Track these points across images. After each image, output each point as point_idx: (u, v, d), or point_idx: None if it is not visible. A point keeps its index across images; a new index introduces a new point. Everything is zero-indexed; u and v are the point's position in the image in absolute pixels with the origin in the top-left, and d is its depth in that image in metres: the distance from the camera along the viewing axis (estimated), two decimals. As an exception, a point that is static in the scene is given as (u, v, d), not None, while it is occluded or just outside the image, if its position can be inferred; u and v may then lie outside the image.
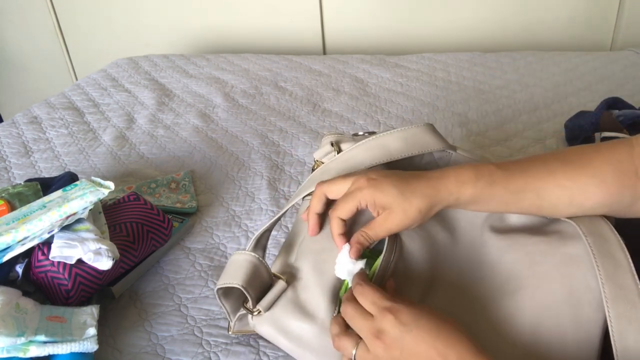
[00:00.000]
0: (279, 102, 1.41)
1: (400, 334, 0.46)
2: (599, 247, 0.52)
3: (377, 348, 0.47)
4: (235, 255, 0.58)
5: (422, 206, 0.54)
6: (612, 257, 0.51)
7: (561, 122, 1.18)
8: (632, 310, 0.48)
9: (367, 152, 0.65)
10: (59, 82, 2.35)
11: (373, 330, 0.48)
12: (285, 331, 0.56)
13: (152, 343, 0.70)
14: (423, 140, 0.65)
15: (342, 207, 0.56)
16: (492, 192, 0.55)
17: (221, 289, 0.59)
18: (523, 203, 0.55)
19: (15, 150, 1.22)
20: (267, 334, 0.57)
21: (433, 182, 0.55)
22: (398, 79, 1.52)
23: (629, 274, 0.50)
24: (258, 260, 0.57)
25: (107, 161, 1.17)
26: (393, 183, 0.54)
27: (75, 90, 1.55)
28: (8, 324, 0.59)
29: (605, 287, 0.49)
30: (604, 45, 1.90)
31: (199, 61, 1.76)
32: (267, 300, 0.57)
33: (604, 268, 0.50)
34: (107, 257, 0.69)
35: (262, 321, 0.57)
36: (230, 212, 0.96)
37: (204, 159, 1.15)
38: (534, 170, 0.55)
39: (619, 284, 0.49)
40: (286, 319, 0.56)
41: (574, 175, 0.54)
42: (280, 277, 0.59)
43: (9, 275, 0.72)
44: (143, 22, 2.18)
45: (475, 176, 0.54)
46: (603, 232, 0.53)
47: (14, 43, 2.34)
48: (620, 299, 0.48)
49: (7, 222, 0.74)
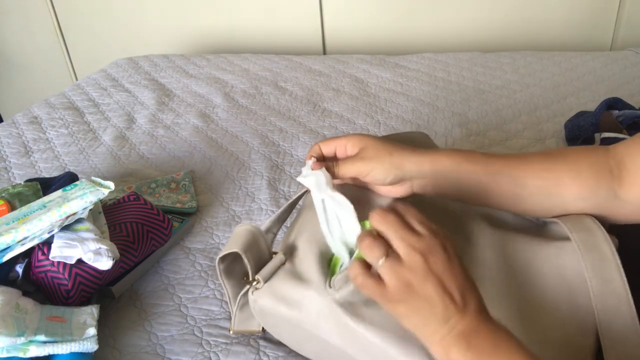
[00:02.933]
0: (279, 102, 1.41)
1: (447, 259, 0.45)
2: (585, 242, 0.53)
3: (416, 261, 0.44)
4: (236, 228, 0.61)
5: (398, 162, 0.56)
6: (597, 251, 0.52)
7: (561, 122, 1.18)
8: (618, 303, 0.49)
9: None
10: (59, 82, 2.35)
11: (419, 244, 0.45)
12: (285, 299, 0.57)
13: (152, 343, 0.70)
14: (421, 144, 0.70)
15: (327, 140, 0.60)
16: (470, 168, 0.57)
17: (223, 268, 0.61)
18: (501, 188, 0.57)
19: (15, 150, 1.22)
20: (268, 306, 0.58)
21: (417, 152, 0.58)
22: (398, 79, 1.52)
23: (614, 268, 0.51)
24: (257, 231, 0.59)
25: (107, 161, 1.17)
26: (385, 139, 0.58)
27: (75, 90, 1.56)
28: (8, 324, 0.60)
29: (592, 281, 0.50)
30: (604, 45, 1.90)
31: (199, 61, 1.76)
32: (266, 271, 0.58)
33: (590, 262, 0.51)
34: (107, 257, 0.69)
35: (262, 294, 0.58)
36: (230, 212, 0.96)
37: (204, 159, 1.15)
38: (513, 159, 0.58)
39: (605, 278, 0.50)
40: (285, 287, 0.57)
41: (550, 166, 0.56)
42: (278, 252, 0.61)
43: (9, 275, 0.72)
44: (143, 22, 2.18)
45: (455, 152, 0.58)
46: (588, 227, 0.55)
47: (14, 43, 2.34)
48: (607, 293, 0.49)
49: (7, 222, 0.74)
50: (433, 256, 0.44)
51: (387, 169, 0.56)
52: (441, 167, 0.57)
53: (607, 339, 0.48)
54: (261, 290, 0.58)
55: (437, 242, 0.45)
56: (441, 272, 0.44)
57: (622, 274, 0.50)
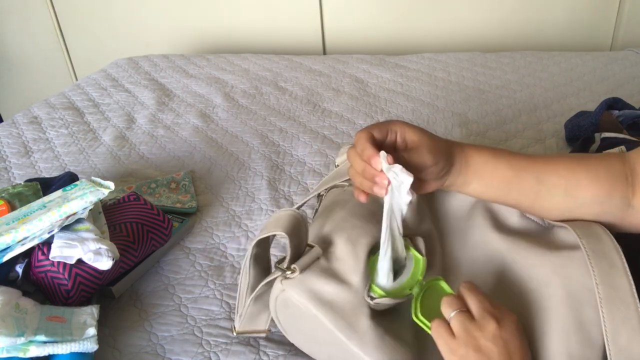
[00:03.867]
0: (279, 102, 1.41)
1: (517, 334, 0.48)
2: (593, 248, 0.52)
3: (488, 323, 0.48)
4: (278, 212, 0.59)
5: (444, 148, 0.56)
6: (606, 258, 0.52)
7: (561, 122, 1.18)
8: (625, 311, 0.48)
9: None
10: (59, 82, 2.35)
11: (494, 311, 0.49)
12: (316, 295, 0.55)
13: (152, 343, 0.70)
14: None
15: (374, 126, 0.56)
16: (496, 163, 0.57)
17: (256, 249, 0.59)
18: (523, 185, 0.57)
19: (15, 150, 1.22)
20: (295, 298, 0.55)
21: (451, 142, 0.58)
22: (398, 79, 1.52)
23: (623, 275, 0.50)
24: (300, 217, 0.57)
25: (107, 161, 1.17)
26: (421, 128, 0.57)
27: (75, 90, 1.55)
28: (8, 324, 0.59)
29: (600, 288, 0.50)
30: (604, 45, 1.90)
31: (199, 61, 1.76)
32: (303, 262, 0.56)
33: (598, 269, 0.51)
34: (107, 257, 0.69)
35: (292, 284, 0.56)
36: (230, 212, 0.96)
37: (204, 159, 1.15)
38: (537, 158, 0.59)
39: (613, 285, 0.50)
40: (319, 284, 0.55)
41: (571, 166, 0.57)
42: (314, 245, 0.59)
43: (9, 275, 0.72)
44: (143, 22, 2.18)
45: (482, 147, 0.59)
46: (597, 234, 0.54)
47: (14, 43, 2.34)
48: (614, 300, 0.49)
49: (7, 222, 0.74)
50: (505, 326, 0.48)
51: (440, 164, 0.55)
52: (471, 160, 0.57)
53: (614, 346, 0.47)
54: (293, 280, 0.56)
55: (512, 319, 0.49)
56: (509, 341, 0.47)
57: (631, 281, 0.50)
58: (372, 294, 0.55)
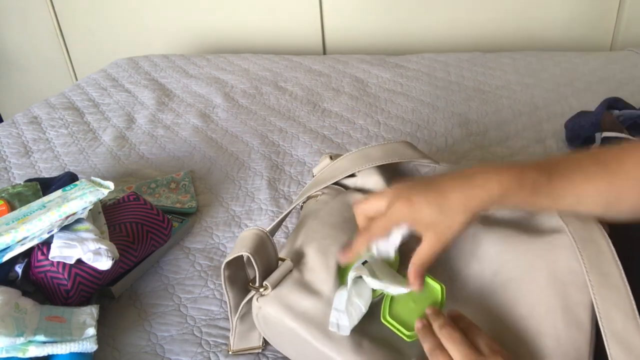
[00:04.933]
0: (279, 102, 1.41)
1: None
2: (581, 235, 0.53)
3: None
4: (243, 232, 0.60)
5: (463, 220, 0.51)
6: (594, 244, 0.53)
7: (561, 123, 1.18)
8: (617, 295, 0.49)
9: (351, 161, 0.73)
10: (59, 82, 2.35)
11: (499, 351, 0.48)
12: (291, 309, 0.56)
13: (152, 343, 0.70)
14: (401, 151, 0.73)
15: (378, 226, 0.55)
16: (534, 200, 0.52)
17: (228, 272, 0.60)
18: (561, 206, 0.54)
19: (15, 150, 1.22)
20: (272, 314, 0.57)
21: (472, 191, 0.51)
22: (398, 79, 1.52)
23: (611, 260, 0.51)
24: (265, 235, 0.59)
25: (107, 161, 1.17)
26: (428, 200, 0.52)
27: (75, 90, 1.55)
28: (7, 324, 0.59)
29: (590, 275, 0.51)
30: (604, 45, 1.90)
31: (199, 61, 1.76)
32: (274, 278, 0.58)
33: (587, 255, 0.52)
34: (106, 257, 0.69)
35: (267, 301, 0.58)
36: (230, 212, 0.96)
37: (204, 159, 1.15)
38: (573, 175, 0.52)
39: (602, 272, 0.51)
40: (292, 297, 0.57)
41: (611, 179, 0.52)
42: (285, 259, 0.60)
43: (9, 275, 0.72)
44: (143, 22, 2.18)
45: (519, 185, 0.51)
46: (583, 219, 0.55)
47: (14, 43, 2.34)
48: (605, 286, 0.50)
49: (7, 222, 0.74)
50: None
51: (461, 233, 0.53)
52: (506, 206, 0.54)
53: (609, 331, 0.48)
54: (267, 297, 0.58)
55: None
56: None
57: (620, 267, 0.51)
58: None
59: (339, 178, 0.72)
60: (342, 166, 0.74)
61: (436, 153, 1.13)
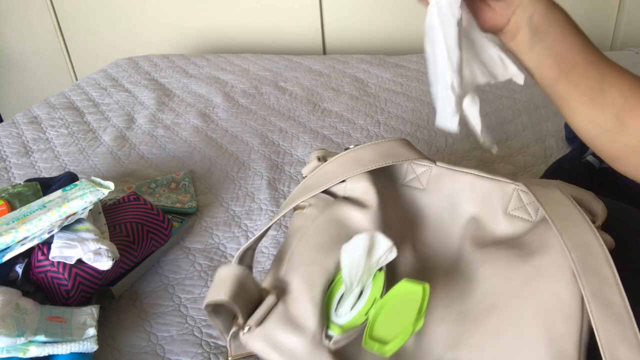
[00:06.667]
0: (279, 102, 1.41)
1: None
2: (583, 263, 0.50)
3: None
4: (220, 270, 0.56)
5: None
6: (597, 272, 0.50)
7: (561, 122, 1.18)
8: (621, 326, 0.47)
9: (341, 166, 0.67)
10: (59, 82, 2.35)
11: None
12: (277, 346, 0.54)
13: (152, 343, 0.70)
14: (396, 151, 0.68)
15: None
16: (573, 34, 0.53)
17: (211, 306, 0.58)
18: (583, 82, 0.52)
19: (15, 150, 1.22)
20: (259, 350, 0.55)
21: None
22: (398, 79, 1.52)
23: (615, 289, 0.49)
24: (243, 273, 0.55)
25: (107, 161, 1.17)
26: None
27: (75, 90, 1.56)
28: (8, 324, 0.60)
29: (592, 305, 0.48)
30: (604, 45, 1.90)
31: (199, 61, 1.76)
32: (257, 316, 0.55)
33: (589, 286, 0.49)
34: (107, 257, 0.69)
35: (253, 337, 0.55)
36: (230, 212, 0.96)
37: (204, 159, 1.15)
38: (604, 57, 0.54)
39: (606, 302, 0.48)
40: (278, 333, 0.54)
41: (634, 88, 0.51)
42: (270, 291, 0.57)
43: (9, 275, 0.72)
44: (143, 22, 2.18)
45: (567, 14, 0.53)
46: (588, 244, 0.52)
47: (14, 43, 2.34)
48: (608, 317, 0.47)
49: (7, 222, 0.74)
50: None
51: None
52: (559, 15, 0.52)
53: None
54: (253, 333, 0.55)
55: None
56: None
57: (624, 296, 0.48)
58: (330, 332, 0.53)
59: (327, 186, 0.66)
60: (332, 171, 0.68)
61: (436, 153, 1.13)
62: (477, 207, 0.63)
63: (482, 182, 0.63)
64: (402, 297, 0.51)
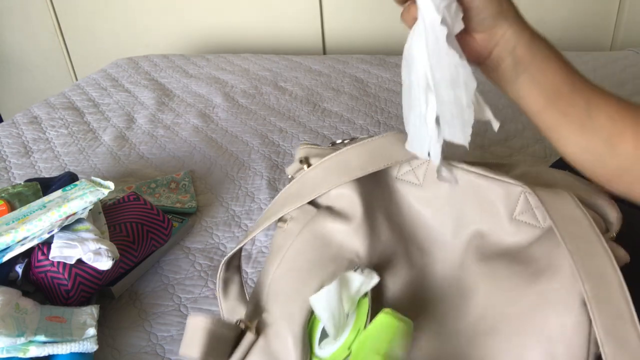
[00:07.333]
0: (279, 102, 1.41)
1: None
2: (597, 295, 0.47)
3: None
4: (189, 320, 0.53)
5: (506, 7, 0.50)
6: (611, 305, 0.46)
7: (561, 122, 1.18)
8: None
9: (327, 173, 0.62)
10: (59, 82, 2.35)
11: None
12: None
13: (152, 343, 0.70)
14: (388, 152, 0.61)
15: None
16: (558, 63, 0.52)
17: None
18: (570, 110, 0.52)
19: (15, 150, 1.22)
20: None
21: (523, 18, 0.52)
22: (398, 79, 1.52)
23: (630, 326, 0.45)
24: (214, 324, 0.52)
25: (107, 161, 1.17)
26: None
27: (75, 90, 1.56)
28: (8, 324, 0.60)
29: (605, 346, 0.45)
30: (604, 45, 1.90)
31: (199, 61, 1.76)
32: (236, 357, 0.53)
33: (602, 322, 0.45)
34: (107, 257, 0.69)
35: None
36: (230, 212, 0.96)
37: (204, 159, 1.15)
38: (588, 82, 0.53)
39: (620, 340, 0.45)
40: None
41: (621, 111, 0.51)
42: (249, 326, 0.55)
43: (9, 275, 0.72)
44: (143, 22, 2.18)
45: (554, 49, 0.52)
46: (604, 274, 0.48)
47: (14, 43, 2.34)
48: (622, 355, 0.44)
49: (7, 222, 0.74)
50: None
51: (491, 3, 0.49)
52: (541, 46, 0.51)
53: None
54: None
55: None
56: None
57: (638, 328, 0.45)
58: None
59: (310, 198, 0.61)
60: (317, 178, 0.63)
61: (436, 153, 1.13)
62: (479, 210, 0.58)
63: (484, 182, 0.58)
64: (384, 331, 0.48)
